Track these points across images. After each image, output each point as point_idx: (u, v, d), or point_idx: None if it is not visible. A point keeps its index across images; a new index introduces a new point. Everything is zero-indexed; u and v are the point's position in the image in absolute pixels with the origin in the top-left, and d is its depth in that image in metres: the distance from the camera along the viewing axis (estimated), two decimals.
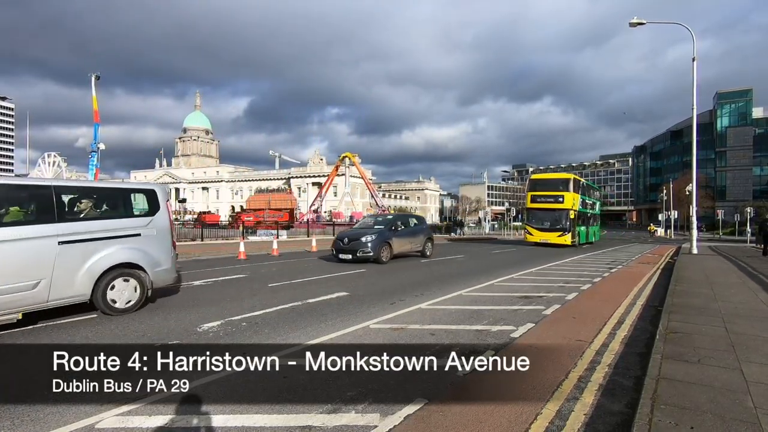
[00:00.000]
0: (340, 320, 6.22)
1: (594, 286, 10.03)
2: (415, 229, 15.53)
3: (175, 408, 3.34)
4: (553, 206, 24.82)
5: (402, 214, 18.94)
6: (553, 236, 24.32)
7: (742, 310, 6.80)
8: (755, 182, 75.56)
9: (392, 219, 15.41)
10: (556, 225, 24.42)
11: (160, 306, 7.12)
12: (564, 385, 3.90)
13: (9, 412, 3.27)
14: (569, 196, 24.69)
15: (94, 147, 38.63)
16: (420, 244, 15.44)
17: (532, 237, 25.34)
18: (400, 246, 14.31)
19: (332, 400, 3.50)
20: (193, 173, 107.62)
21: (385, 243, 13.46)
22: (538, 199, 25.70)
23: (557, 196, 24.89)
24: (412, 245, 15.04)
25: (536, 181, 27.40)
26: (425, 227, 16.69)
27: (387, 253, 13.44)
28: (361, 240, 13.20)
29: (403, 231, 14.75)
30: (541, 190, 25.90)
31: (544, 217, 25.06)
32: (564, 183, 25.48)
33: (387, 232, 13.93)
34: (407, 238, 14.85)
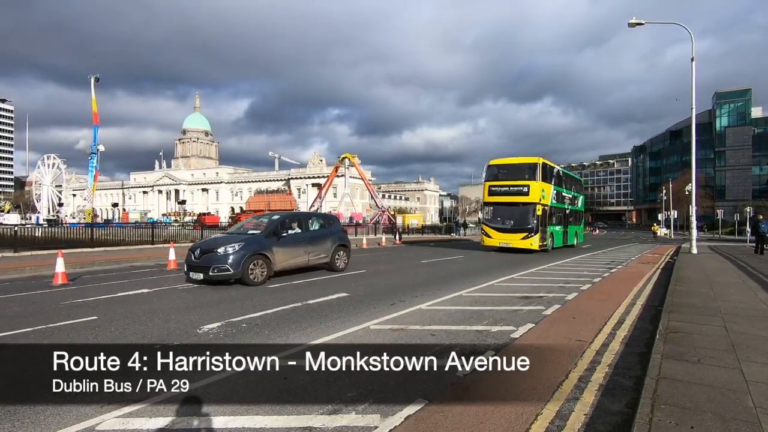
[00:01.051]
0: (340, 321, 6.22)
1: (594, 286, 10.04)
2: (317, 234, 11.40)
3: (175, 409, 3.34)
4: (515, 199, 19.64)
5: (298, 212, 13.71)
6: (515, 238, 19.26)
7: (742, 310, 6.81)
8: (754, 182, 75.65)
9: (278, 219, 10.70)
10: (520, 224, 19.32)
11: (161, 307, 7.13)
12: (564, 386, 3.90)
13: (9, 413, 3.27)
14: (536, 186, 19.34)
15: (94, 149, 38.63)
16: (325, 253, 11.35)
17: (491, 240, 20.08)
18: (289, 257, 10.31)
19: (332, 401, 3.50)
20: (192, 175, 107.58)
21: (258, 255, 9.40)
22: (497, 191, 20.40)
23: (521, 187, 19.59)
24: (310, 256, 10.90)
25: (496, 168, 21.23)
26: (336, 230, 12.19)
27: (262, 270, 9.41)
28: (217, 252, 9.10)
29: (293, 237, 10.57)
30: (503, 179, 20.54)
31: (506, 214, 19.88)
32: (530, 169, 19.96)
33: (264, 239, 9.81)
34: (302, 247, 10.71)
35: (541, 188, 19.57)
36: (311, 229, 11.42)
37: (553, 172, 21.91)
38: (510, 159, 21.40)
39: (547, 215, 20.07)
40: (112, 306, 7.19)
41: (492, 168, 21.32)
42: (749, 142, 75.47)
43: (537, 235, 18.99)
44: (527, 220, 19.18)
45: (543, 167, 20.09)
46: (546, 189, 20.12)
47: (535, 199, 19.20)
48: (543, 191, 19.74)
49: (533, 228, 18.97)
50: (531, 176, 19.72)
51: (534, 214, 19.05)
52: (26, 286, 9.17)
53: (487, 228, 20.62)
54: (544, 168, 20.41)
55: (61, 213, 62.35)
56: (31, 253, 16.31)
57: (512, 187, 19.90)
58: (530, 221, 19.08)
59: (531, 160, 20.41)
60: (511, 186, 19.96)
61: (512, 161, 21.21)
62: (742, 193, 73.65)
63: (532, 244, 18.91)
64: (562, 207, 22.99)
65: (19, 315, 6.59)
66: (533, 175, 19.64)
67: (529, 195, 19.33)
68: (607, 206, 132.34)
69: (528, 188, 19.44)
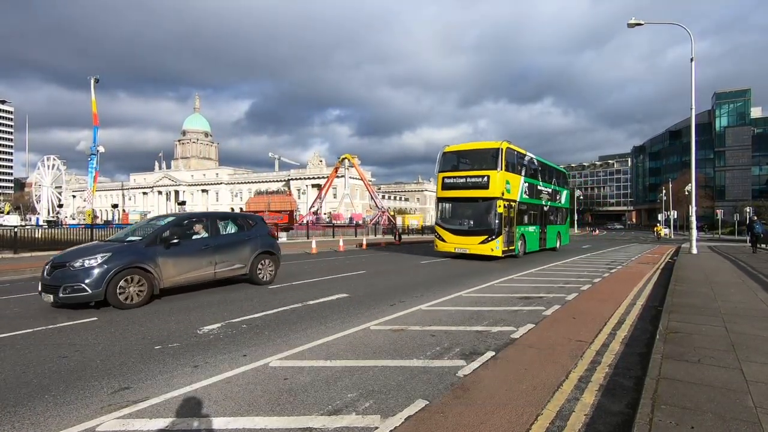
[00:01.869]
0: (340, 322, 6.22)
1: (594, 286, 10.04)
2: (230, 240, 9.06)
3: (175, 411, 3.34)
4: (473, 194, 15.98)
5: (205, 213, 10.60)
6: (473, 242, 15.66)
7: (742, 310, 6.81)
8: (754, 182, 75.71)
9: (167, 223, 8.27)
10: (479, 225, 15.76)
11: (161, 308, 7.12)
12: (564, 386, 3.90)
13: (9, 415, 3.27)
14: (498, 177, 15.47)
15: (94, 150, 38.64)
16: (242, 263, 9.08)
17: (444, 244, 16.48)
18: (184, 270, 7.95)
19: (333, 402, 3.50)
20: (192, 175, 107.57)
21: (133, 269, 7.13)
22: (453, 184, 16.68)
23: (479, 178, 15.88)
24: (218, 267, 8.54)
25: (451, 156, 17.32)
26: (258, 234, 9.69)
27: (139, 289, 7.17)
28: (72, 267, 6.85)
29: (192, 243, 8.25)
30: (459, 169, 16.97)
31: (463, 212, 16.59)
32: (490, 156, 16.03)
33: (144, 248, 7.47)
34: (206, 256, 8.35)
35: (505, 179, 15.79)
36: (224, 233, 9.08)
37: (523, 160, 18.13)
38: (468, 144, 17.80)
39: (514, 213, 16.65)
40: (111, 307, 7.18)
41: (447, 156, 17.29)
42: (749, 142, 75.53)
43: (499, 238, 15.36)
44: (487, 219, 15.56)
45: (507, 153, 16.06)
46: (512, 180, 16.54)
47: (495, 192, 15.48)
48: (508, 183, 16.06)
49: (494, 229, 15.35)
50: (491, 164, 15.84)
51: (494, 212, 15.40)
52: (26, 288, 9.16)
53: (440, 229, 16.91)
54: (510, 154, 16.45)
55: (60, 214, 62.31)
56: (31, 254, 16.32)
57: (469, 179, 16.25)
58: (490, 221, 15.45)
59: (492, 144, 16.40)
60: (469, 177, 16.29)
61: (470, 146, 17.57)
62: (742, 193, 73.69)
63: (493, 249, 15.25)
64: (537, 203, 19.45)
65: (19, 316, 6.58)
66: (494, 163, 15.75)
67: (488, 188, 15.56)
68: (607, 206, 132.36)
69: (487, 179, 15.62)
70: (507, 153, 16.12)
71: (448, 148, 17.31)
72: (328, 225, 49.82)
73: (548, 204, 20.87)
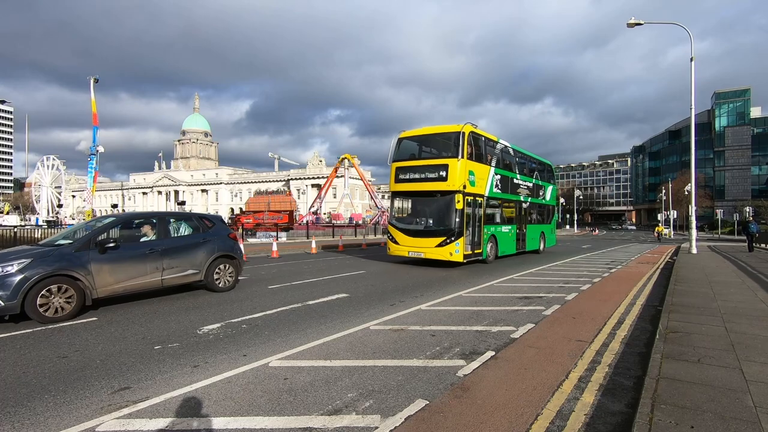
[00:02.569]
0: (340, 322, 6.22)
1: (594, 286, 10.04)
2: (182, 243, 8.19)
3: (175, 411, 3.34)
4: (429, 187, 13.42)
5: (153, 213, 9.11)
6: (429, 245, 13.19)
7: (742, 309, 6.81)
8: (754, 181, 75.78)
9: (104, 224, 7.41)
10: (436, 224, 13.34)
11: (160, 308, 7.12)
12: (564, 385, 3.90)
13: (9, 415, 3.26)
14: (459, 166, 12.86)
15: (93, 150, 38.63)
16: (195, 268, 8.23)
17: (397, 247, 13.88)
18: (124, 277, 7.11)
19: (333, 402, 3.50)
20: (192, 175, 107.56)
21: (59, 278, 6.28)
22: (407, 176, 14.06)
23: (437, 169, 13.35)
24: (166, 273, 7.70)
25: (407, 142, 14.72)
26: (216, 236, 8.81)
27: (65, 300, 6.30)
28: None
29: (134, 247, 7.46)
30: (416, 158, 14.38)
31: (417, 210, 14.21)
32: (449, 141, 13.62)
33: (73, 253, 6.63)
34: (151, 261, 7.49)
35: (467, 170, 13.14)
36: (175, 235, 8.26)
37: (494, 148, 15.57)
38: (426, 128, 14.84)
39: (481, 210, 14.17)
40: (111, 307, 7.18)
41: (402, 143, 14.65)
42: (748, 141, 75.59)
43: (460, 240, 12.80)
44: (445, 217, 13.07)
45: (471, 139, 13.45)
46: (478, 171, 13.90)
47: (455, 184, 12.82)
48: (471, 174, 13.44)
49: (453, 229, 12.78)
50: (453, 151, 13.25)
51: (453, 208, 12.83)
52: None
53: (392, 230, 14.18)
54: (474, 140, 13.81)
55: (60, 214, 62.32)
56: None
57: (426, 170, 13.67)
58: (449, 219, 12.90)
59: (452, 128, 13.68)
60: (425, 168, 13.76)
61: (427, 131, 14.70)
62: (742, 193, 73.77)
63: (452, 253, 12.74)
64: (514, 199, 17.01)
65: (19, 316, 6.57)
66: (454, 150, 13.13)
67: (447, 180, 12.94)
68: (607, 206, 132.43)
69: (446, 170, 13.04)
70: (470, 138, 13.39)
71: (404, 134, 14.73)
72: (327, 225, 49.84)
73: (528, 200, 18.44)
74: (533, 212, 19.33)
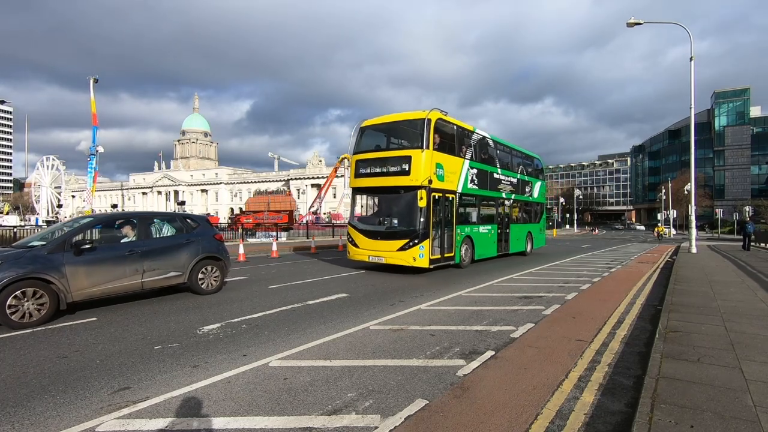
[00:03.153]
0: (339, 321, 6.22)
1: (593, 285, 10.05)
2: (164, 244, 7.93)
3: (175, 411, 3.34)
4: (391, 182, 11.91)
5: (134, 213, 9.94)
6: (390, 248, 11.61)
7: (742, 309, 6.81)
8: (753, 181, 75.85)
9: (80, 225, 7.20)
10: (397, 225, 11.81)
11: (160, 309, 7.12)
12: (564, 385, 3.90)
13: (9, 415, 3.26)
14: (423, 159, 11.34)
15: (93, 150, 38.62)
16: (178, 270, 7.98)
17: (357, 251, 12.34)
18: (102, 280, 6.85)
19: (333, 401, 3.50)
20: (191, 175, 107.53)
21: (30, 281, 6.04)
22: (368, 170, 12.50)
23: (399, 161, 11.79)
24: (147, 275, 7.45)
25: (370, 132, 13.18)
26: (200, 236, 8.56)
27: (38, 305, 6.06)
28: None
29: (112, 249, 7.24)
30: (377, 150, 12.75)
31: (379, 208, 12.90)
32: (413, 130, 12.09)
33: (46, 255, 6.38)
34: (130, 263, 7.24)
35: (433, 162, 11.57)
36: (157, 236, 7.99)
37: (469, 138, 13.80)
38: (389, 116, 13.02)
39: (453, 208, 12.62)
40: (111, 307, 7.18)
41: (365, 132, 13.07)
42: (748, 141, 75.64)
43: (425, 243, 11.24)
44: (407, 216, 11.54)
45: (438, 127, 11.85)
46: (448, 164, 12.35)
47: (418, 179, 11.27)
48: (439, 168, 11.89)
49: (416, 230, 11.24)
50: (416, 141, 11.73)
51: (416, 206, 11.27)
52: None
53: (352, 231, 12.58)
54: (444, 129, 12.31)
55: (60, 214, 62.28)
56: None
57: (388, 162, 12.03)
58: (412, 219, 11.38)
59: (416, 114, 12.08)
60: (387, 160, 12.10)
61: (390, 119, 12.88)
62: (741, 193, 73.83)
63: (416, 258, 11.20)
64: (494, 196, 15.48)
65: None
66: (419, 140, 11.56)
67: (410, 174, 11.43)
68: (606, 206, 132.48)
69: (408, 163, 11.50)
70: (438, 127, 11.84)
71: (367, 122, 13.09)
72: (327, 225, 49.83)
73: (512, 197, 16.90)
74: (518, 210, 17.92)
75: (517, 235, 17.49)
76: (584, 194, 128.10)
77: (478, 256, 14.31)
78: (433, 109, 11.92)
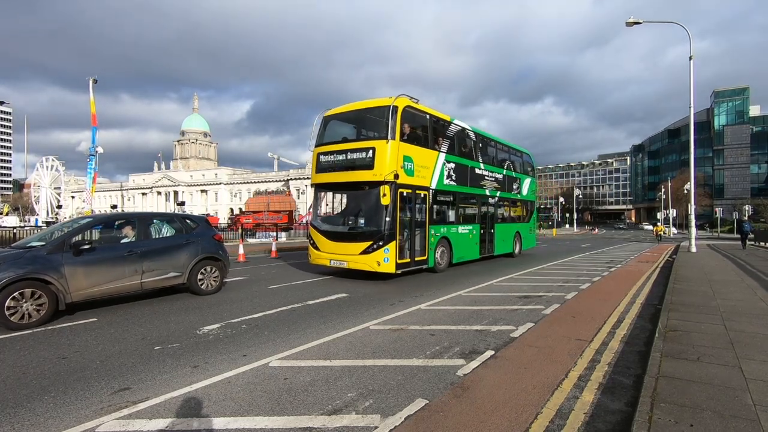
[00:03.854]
0: (339, 321, 6.22)
1: (593, 285, 10.05)
2: (163, 244, 7.92)
3: (175, 411, 3.34)
4: (353, 177, 10.65)
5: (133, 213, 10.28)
6: (352, 252, 10.38)
7: (741, 308, 6.82)
8: (753, 180, 75.88)
9: (80, 225, 7.24)
10: (360, 225, 10.63)
11: (161, 309, 7.12)
12: (564, 384, 3.90)
13: (9, 416, 3.26)
14: (388, 150, 10.09)
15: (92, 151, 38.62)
16: (178, 271, 7.96)
17: (318, 254, 11.10)
18: (101, 281, 6.84)
19: (333, 401, 3.50)
20: (191, 176, 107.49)
21: (28, 282, 6.01)
22: (330, 163, 11.34)
23: (362, 153, 10.57)
24: (146, 276, 7.43)
25: (334, 122, 11.99)
26: (199, 237, 8.56)
27: (36, 305, 6.03)
28: None
29: (111, 249, 7.24)
30: (339, 142, 11.60)
31: (343, 206, 12.11)
32: (378, 118, 10.94)
33: (46, 255, 6.37)
34: (130, 264, 7.22)
35: (400, 154, 10.28)
36: (156, 236, 7.98)
37: (445, 129, 12.62)
38: (354, 104, 11.91)
39: (425, 206, 11.39)
40: (111, 308, 7.18)
41: (329, 122, 11.89)
42: (747, 140, 75.68)
43: (390, 246, 9.99)
44: (370, 215, 10.35)
45: (405, 115, 10.58)
46: (419, 157, 11.11)
47: (382, 172, 10.01)
48: (408, 161, 10.62)
49: (381, 231, 9.98)
50: (379, 132, 10.67)
51: (378, 204, 9.96)
52: None
53: (313, 232, 11.42)
54: (411, 117, 10.99)
55: (59, 215, 62.26)
56: None
57: (351, 154, 10.85)
58: (375, 218, 10.15)
59: (382, 102, 10.84)
60: (349, 152, 10.92)
61: (354, 107, 11.76)
62: (741, 192, 73.86)
63: (380, 262, 9.94)
64: (476, 193, 14.21)
65: None
66: (385, 128, 10.28)
67: (373, 167, 10.18)
68: (606, 205, 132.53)
69: (372, 154, 10.26)
70: (407, 115, 10.62)
71: (331, 111, 11.95)
72: None
73: (497, 195, 15.68)
74: (504, 209, 16.77)
75: (503, 235, 16.37)
76: (584, 194, 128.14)
77: (457, 258, 13.10)
78: (401, 95, 10.71)
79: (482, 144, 15.08)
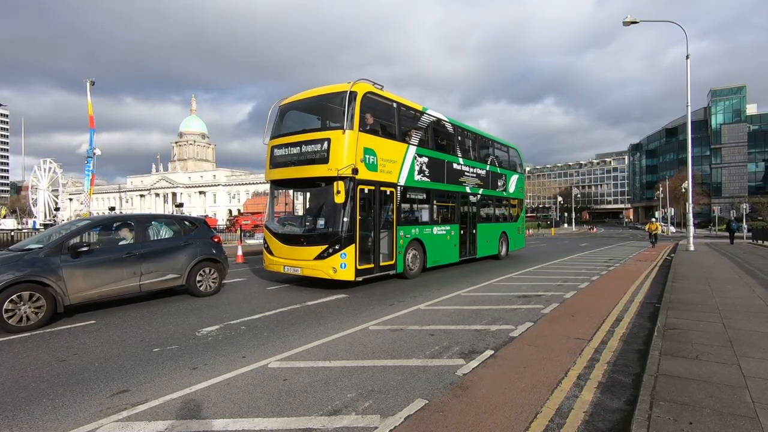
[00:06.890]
0: (339, 322, 6.22)
1: (592, 284, 10.06)
2: (162, 246, 7.86)
3: (175, 413, 3.33)
4: (307, 172, 9.50)
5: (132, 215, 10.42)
6: (306, 257, 9.20)
7: (740, 306, 6.84)
8: (750, 178, 76.05)
9: (82, 227, 7.26)
10: (316, 227, 9.53)
11: (159, 311, 7.10)
12: (563, 383, 3.91)
13: (8, 419, 3.25)
14: (345, 141, 8.91)
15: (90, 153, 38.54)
16: (176, 272, 7.91)
17: (272, 260, 9.94)
18: (99, 283, 6.81)
19: (332, 402, 3.50)
20: (189, 177, 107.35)
21: (26, 284, 5.98)
22: (284, 157, 10.02)
23: (317, 145, 9.36)
24: (144, 278, 7.40)
25: (290, 113, 10.72)
26: (198, 238, 8.51)
27: (35, 308, 6.00)
28: None
29: (110, 251, 7.16)
30: (295, 133, 10.09)
31: (301, 206, 11.06)
32: (335, 105, 9.75)
33: (43, 257, 6.31)
34: (128, 265, 7.18)
35: (360, 146, 9.14)
36: (155, 238, 7.89)
37: (416, 120, 11.48)
38: (311, 90, 10.59)
39: (392, 205, 10.15)
40: (109, 310, 7.16)
41: (285, 113, 10.65)
42: (744, 139, 75.87)
43: (348, 250, 8.86)
44: (326, 216, 9.38)
45: (366, 103, 9.47)
46: (384, 150, 9.94)
47: (338, 167, 8.87)
48: (370, 154, 9.49)
49: (337, 234, 8.87)
50: (335, 120, 9.64)
51: (332, 203, 8.91)
52: None
53: (267, 235, 10.27)
54: (373, 105, 9.91)
55: (57, 217, 62.10)
56: None
57: (305, 146, 9.61)
58: (331, 219, 9.13)
59: (339, 87, 9.64)
60: (304, 144, 9.65)
61: (310, 94, 10.48)
62: (738, 190, 74.06)
63: (336, 269, 8.82)
64: (455, 190, 13.03)
65: None
66: (341, 116, 9.13)
67: (328, 161, 9.05)
68: (604, 204, 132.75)
69: (326, 146, 9.14)
70: (368, 103, 9.51)
71: (287, 100, 10.67)
72: None
73: (479, 192, 14.42)
74: (488, 207, 15.54)
75: (487, 236, 15.08)
76: (582, 193, 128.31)
77: (432, 262, 11.82)
78: (360, 80, 9.52)
79: (462, 137, 13.81)
